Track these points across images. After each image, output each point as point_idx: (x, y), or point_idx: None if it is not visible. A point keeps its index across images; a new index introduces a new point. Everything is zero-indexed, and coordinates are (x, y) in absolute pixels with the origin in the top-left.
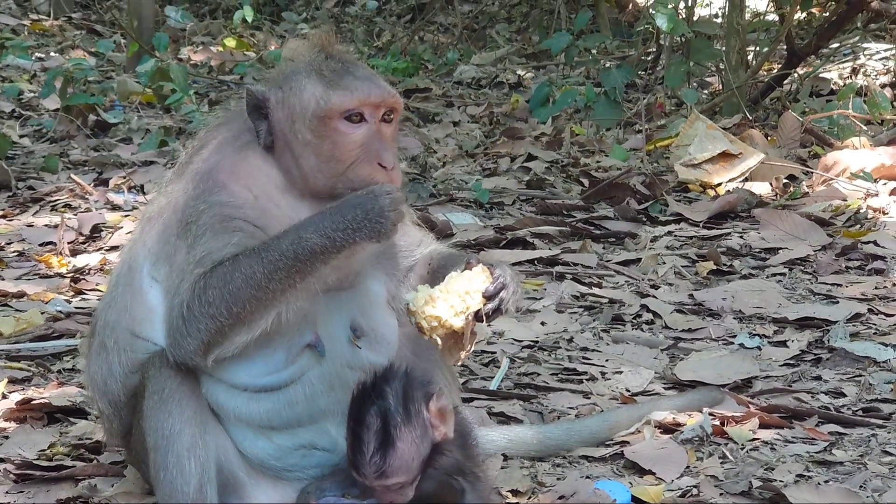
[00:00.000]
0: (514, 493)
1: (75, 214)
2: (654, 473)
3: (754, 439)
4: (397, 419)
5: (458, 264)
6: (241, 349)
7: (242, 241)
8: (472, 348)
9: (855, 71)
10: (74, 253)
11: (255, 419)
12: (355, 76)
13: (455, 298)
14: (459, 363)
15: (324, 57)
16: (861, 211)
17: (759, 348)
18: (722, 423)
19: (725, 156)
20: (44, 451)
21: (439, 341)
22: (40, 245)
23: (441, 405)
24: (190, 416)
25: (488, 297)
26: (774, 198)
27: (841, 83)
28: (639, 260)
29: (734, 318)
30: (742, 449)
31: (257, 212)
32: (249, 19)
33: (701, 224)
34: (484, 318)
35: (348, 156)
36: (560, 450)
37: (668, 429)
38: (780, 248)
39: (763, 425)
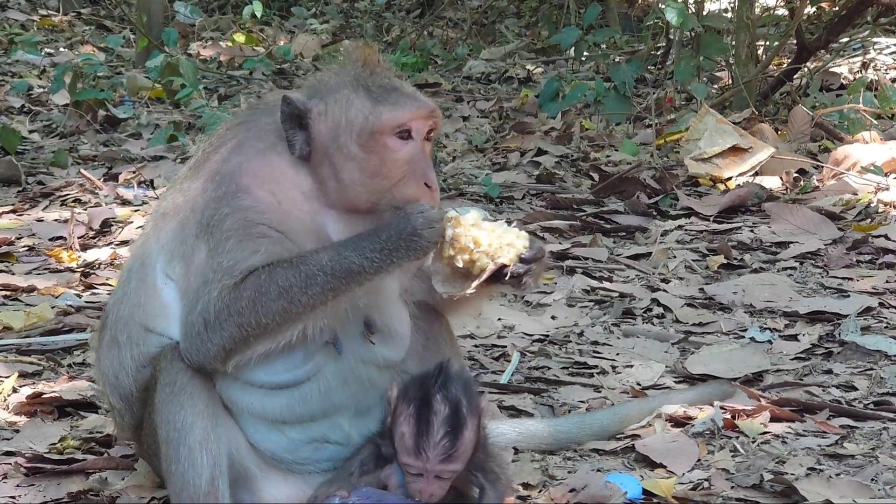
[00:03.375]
0: (526, 486)
1: (85, 209)
2: (665, 467)
3: (765, 433)
4: (465, 409)
5: None
6: (262, 355)
7: (269, 248)
8: (472, 291)
9: (865, 65)
10: (84, 248)
11: (269, 414)
12: (402, 92)
13: (497, 241)
14: (449, 298)
15: (368, 72)
16: (871, 205)
17: (769, 342)
18: (733, 417)
19: (735, 150)
20: (54, 444)
21: (457, 264)
22: (50, 240)
23: (486, 402)
24: (202, 408)
25: (522, 260)
26: (785, 192)
27: (851, 77)
28: (649, 254)
29: (745, 312)
30: (753, 442)
31: (281, 216)
32: (258, 14)
33: (711, 218)
34: (508, 276)
35: (395, 173)
36: (571, 443)
37: (679, 422)
38: (791, 242)
39: (774, 419)
